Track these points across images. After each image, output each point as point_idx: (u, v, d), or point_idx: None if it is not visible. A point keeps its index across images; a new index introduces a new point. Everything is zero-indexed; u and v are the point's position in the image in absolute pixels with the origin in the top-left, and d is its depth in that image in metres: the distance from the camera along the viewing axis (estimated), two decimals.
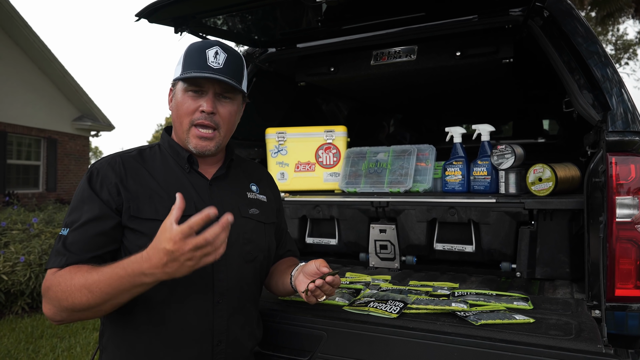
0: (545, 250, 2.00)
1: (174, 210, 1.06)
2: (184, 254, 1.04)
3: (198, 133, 1.34)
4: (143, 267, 1.08)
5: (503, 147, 2.15)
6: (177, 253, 1.04)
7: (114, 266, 1.13)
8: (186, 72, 1.31)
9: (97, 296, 1.12)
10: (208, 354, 1.31)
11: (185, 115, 1.34)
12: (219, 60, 1.32)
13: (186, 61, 1.33)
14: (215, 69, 1.31)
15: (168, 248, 1.04)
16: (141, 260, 1.09)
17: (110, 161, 1.33)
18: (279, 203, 1.64)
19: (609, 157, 1.62)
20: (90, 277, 1.13)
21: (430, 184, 2.36)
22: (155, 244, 1.07)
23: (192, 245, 1.03)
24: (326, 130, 2.62)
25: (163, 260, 1.05)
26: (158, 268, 1.07)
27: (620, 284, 1.61)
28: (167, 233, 1.04)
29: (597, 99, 1.73)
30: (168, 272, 1.07)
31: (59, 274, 1.19)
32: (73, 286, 1.14)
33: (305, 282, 1.35)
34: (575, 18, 1.89)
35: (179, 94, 1.35)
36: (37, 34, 11.70)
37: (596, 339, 1.25)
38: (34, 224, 5.85)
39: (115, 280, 1.11)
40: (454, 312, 1.45)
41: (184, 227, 1.03)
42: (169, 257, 1.05)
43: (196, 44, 1.36)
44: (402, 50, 2.47)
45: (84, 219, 1.24)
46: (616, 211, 1.62)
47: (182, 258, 1.05)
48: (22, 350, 3.99)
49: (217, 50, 1.33)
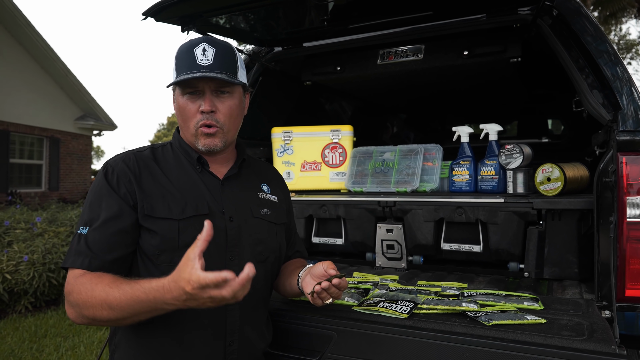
0: (554, 250, 1.99)
1: (198, 242, 1.03)
2: (203, 299, 1.03)
3: (204, 131, 1.33)
4: (165, 297, 1.06)
5: (511, 146, 2.14)
6: (195, 297, 1.02)
7: (135, 288, 1.10)
8: (178, 76, 1.30)
9: (118, 313, 1.12)
10: (220, 354, 1.31)
11: (188, 119, 1.33)
12: (208, 57, 1.29)
13: (177, 64, 1.32)
14: (206, 66, 1.28)
15: (187, 290, 1.02)
16: (163, 291, 1.07)
17: (125, 158, 1.33)
18: (289, 203, 1.63)
19: (619, 156, 1.61)
20: (111, 293, 1.12)
21: (437, 183, 2.35)
22: (175, 278, 1.04)
23: (210, 296, 1.02)
24: (332, 129, 2.61)
25: (182, 297, 1.04)
26: (179, 301, 1.06)
27: (630, 284, 1.60)
28: (187, 272, 1.01)
29: (607, 98, 1.72)
30: (189, 305, 1.06)
31: (80, 281, 1.17)
32: (94, 299, 1.13)
33: (312, 283, 1.34)
34: (584, 16, 1.88)
35: (179, 99, 1.34)
36: (40, 33, 11.72)
37: (609, 339, 1.24)
38: (37, 223, 5.85)
39: (137, 303, 1.10)
40: (465, 313, 1.44)
41: (206, 279, 0.99)
42: (188, 297, 1.03)
43: (184, 45, 1.34)
44: (409, 50, 2.47)
45: (103, 216, 1.23)
46: (627, 211, 1.61)
47: (200, 300, 1.03)
48: (25, 349, 3.99)
49: (204, 47, 1.30)
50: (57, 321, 4.73)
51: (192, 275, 1.00)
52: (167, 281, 1.06)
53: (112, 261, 1.22)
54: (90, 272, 1.20)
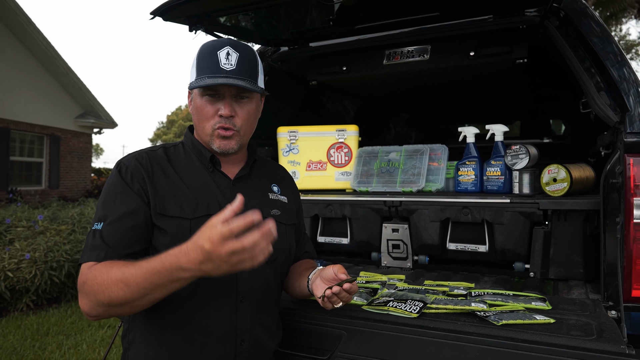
0: (559, 250, 2.00)
1: (226, 210, 1.02)
2: (220, 257, 1.01)
3: (220, 133, 1.33)
4: (181, 261, 1.05)
5: (517, 147, 2.15)
6: (213, 254, 1.01)
7: (151, 260, 1.10)
8: (200, 78, 1.30)
9: (134, 290, 1.10)
10: (231, 353, 1.31)
11: (205, 120, 1.34)
12: (232, 61, 1.30)
13: (199, 65, 1.32)
14: (229, 71, 1.29)
15: (205, 247, 1.01)
16: (180, 254, 1.06)
17: (138, 157, 1.34)
18: (298, 204, 1.64)
19: (627, 158, 1.62)
20: (127, 270, 1.11)
21: (442, 183, 2.36)
22: (195, 239, 1.04)
23: (229, 250, 1.00)
24: (338, 129, 2.62)
25: (200, 258, 1.03)
26: (195, 264, 1.04)
27: (637, 284, 1.61)
28: (208, 231, 1.01)
29: (615, 99, 1.73)
30: (204, 270, 1.05)
31: (95, 267, 1.17)
32: (110, 280, 1.12)
33: (323, 286, 1.34)
34: (590, 17, 1.89)
35: (197, 99, 1.35)
36: (41, 31, 11.70)
37: (618, 339, 1.25)
38: (39, 221, 5.85)
39: (153, 275, 1.08)
40: (474, 312, 1.45)
41: (224, 229, 0.99)
42: (205, 256, 1.02)
43: (207, 45, 1.34)
44: (415, 50, 2.47)
45: (118, 212, 1.24)
46: (634, 212, 1.62)
47: (217, 260, 1.02)
48: (28, 347, 3.99)
49: (228, 51, 1.30)
50: (59, 319, 4.74)
51: (212, 231, 1.00)
52: (185, 245, 1.06)
53: (127, 255, 1.21)
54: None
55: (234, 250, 1.00)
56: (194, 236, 1.05)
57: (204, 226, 1.04)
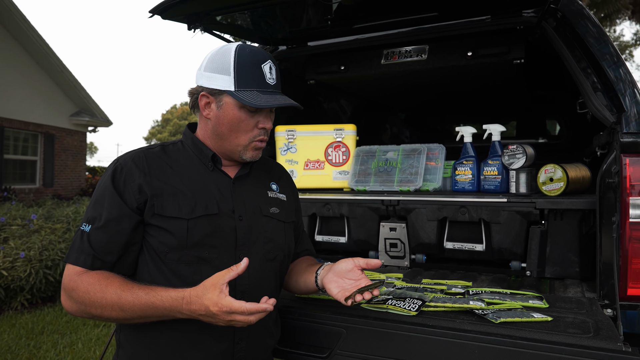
0: (555, 249, 2.02)
1: (231, 272, 1.15)
2: (221, 320, 1.14)
3: (257, 145, 1.38)
4: (182, 307, 1.15)
5: (514, 147, 2.16)
6: (216, 316, 1.13)
7: (151, 294, 1.17)
8: (246, 90, 1.30)
9: (128, 315, 1.19)
10: (229, 351, 1.32)
11: (244, 132, 1.35)
12: (274, 76, 1.35)
13: (241, 75, 1.30)
14: (273, 86, 1.34)
15: (211, 310, 1.12)
16: (182, 302, 1.15)
17: (135, 157, 1.33)
18: (297, 202, 1.64)
19: (623, 158, 1.64)
20: (124, 297, 1.17)
21: (440, 183, 2.37)
22: (200, 294, 1.14)
23: (234, 319, 1.13)
24: (336, 128, 2.63)
25: (201, 312, 1.14)
26: (194, 313, 1.15)
27: (632, 283, 1.64)
28: (216, 296, 1.12)
29: (611, 100, 1.75)
30: (201, 319, 1.17)
31: (86, 279, 1.20)
32: (105, 300, 1.18)
33: (336, 280, 1.36)
34: (587, 18, 1.91)
35: (231, 109, 1.32)
36: (35, 28, 11.63)
37: (615, 337, 1.27)
38: (33, 220, 5.82)
39: (150, 309, 1.17)
40: (472, 310, 1.46)
41: (235, 305, 1.11)
42: (208, 314, 1.13)
43: (247, 56, 1.31)
44: (413, 50, 2.49)
45: (105, 217, 1.25)
46: (629, 212, 1.64)
47: (217, 320, 1.15)
48: (23, 346, 3.97)
49: (270, 65, 1.34)
50: (54, 318, 4.72)
51: (221, 300, 1.11)
52: (188, 294, 1.15)
53: (113, 262, 1.25)
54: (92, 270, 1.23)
55: (239, 321, 1.14)
56: (197, 288, 1.15)
57: (209, 283, 1.14)
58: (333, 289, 1.35)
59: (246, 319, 1.13)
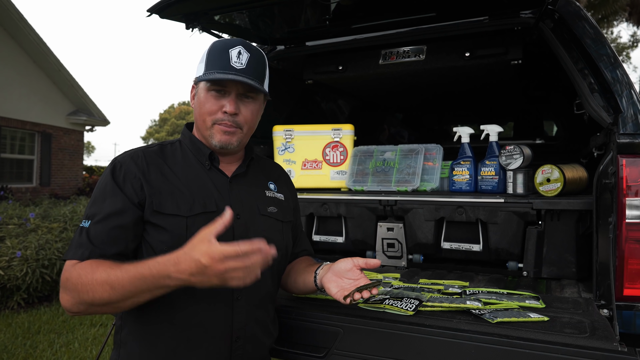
0: (552, 250, 2.03)
1: (217, 224, 1.07)
2: (215, 272, 1.05)
3: (222, 128, 1.34)
4: (170, 270, 1.08)
5: (512, 147, 2.17)
6: (209, 269, 1.05)
7: (138, 265, 1.12)
8: (209, 72, 1.31)
9: (119, 293, 1.13)
10: (227, 350, 1.32)
11: (207, 114, 1.34)
12: (242, 60, 1.32)
13: (209, 60, 1.33)
14: (239, 69, 1.31)
15: (202, 262, 1.04)
16: (168, 263, 1.08)
17: (133, 155, 1.34)
18: (295, 202, 1.65)
19: (619, 159, 1.64)
20: (113, 273, 1.13)
21: (437, 183, 2.37)
22: (188, 251, 1.07)
23: (228, 267, 1.05)
24: (334, 128, 2.63)
25: (192, 270, 1.06)
26: (184, 274, 1.07)
27: (628, 283, 1.64)
28: (205, 246, 1.04)
29: (608, 101, 1.75)
30: (193, 281, 1.08)
31: (79, 266, 1.19)
32: (95, 280, 1.13)
33: (336, 280, 1.36)
34: (584, 19, 1.91)
35: (201, 93, 1.35)
36: (33, 27, 11.60)
37: (611, 337, 1.27)
38: (30, 219, 5.80)
39: (139, 280, 1.11)
40: (469, 310, 1.46)
41: (228, 249, 1.03)
42: (199, 270, 1.05)
43: (219, 43, 1.36)
44: (411, 50, 2.49)
45: (105, 211, 1.24)
46: (626, 212, 1.64)
47: (211, 274, 1.06)
48: (19, 345, 3.96)
49: (240, 50, 1.33)
50: (51, 317, 4.71)
51: (211, 248, 1.03)
52: (175, 255, 1.08)
53: (112, 255, 1.23)
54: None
55: (233, 268, 1.05)
56: (185, 247, 1.08)
57: (196, 238, 1.07)
58: (332, 289, 1.36)
59: (242, 264, 1.05)
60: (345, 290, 1.33)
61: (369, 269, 1.40)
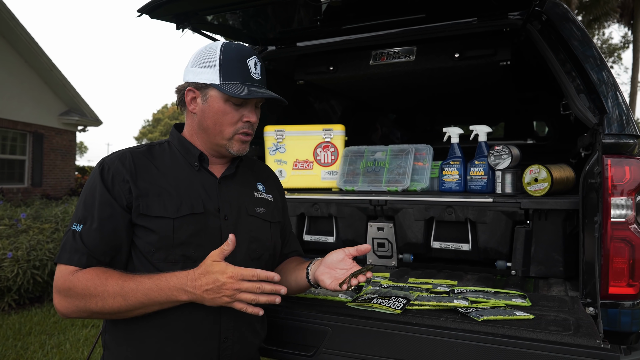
0: (540, 249, 2.05)
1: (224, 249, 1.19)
2: (228, 290, 1.15)
3: (242, 138, 1.39)
4: (187, 284, 1.16)
5: (500, 147, 2.19)
6: (224, 286, 1.14)
7: (154, 277, 1.19)
8: (234, 84, 1.32)
9: (131, 304, 1.19)
10: (215, 351, 1.32)
11: (228, 125, 1.36)
12: (259, 71, 1.37)
13: (226, 69, 1.32)
14: (258, 80, 1.36)
15: (220, 279, 1.15)
16: (186, 278, 1.17)
17: (121, 157, 1.33)
18: (284, 202, 1.65)
19: (604, 159, 1.67)
20: (126, 285, 1.18)
21: (427, 183, 2.39)
22: (204, 270, 1.17)
23: (241, 287, 1.14)
24: (324, 128, 2.64)
25: (209, 286, 1.15)
26: (199, 290, 1.16)
27: (613, 282, 1.67)
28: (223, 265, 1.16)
29: (594, 102, 1.78)
30: (205, 297, 1.17)
31: (83, 276, 1.20)
32: (106, 292, 1.18)
33: (329, 272, 1.39)
34: (571, 22, 1.94)
35: (216, 102, 1.34)
36: (24, 26, 11.52)
37: (594, 334, 1.29)
38: (21, 220, 5.77)
39: (154, 291, 1.18)
40: (456, 309, 1.48)
41: (245, 270, 1.14)
42: (215, 285, 1.15)
43: (233, 51, 1.35)
44: (401, 51, 2.51)
45: (98, 215, 1.25)
46: (611, 211, 1.67)
47: (224, 292, 1.15)
48: (10, 347, 3.94)
49: (255, 60, 1.37)
50: (42, 318, 4.68)
51: (229, 267, 1.15)
52: (192, 272, 1.18)
53: (108, 262, 1.25)
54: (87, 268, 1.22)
55: (246, 289, 1.15)
56: (201, 266, 1.19)
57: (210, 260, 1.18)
58: (326, 280, 1.38)
59: (254, 287, 1.14)
60: (339, 280, 1.36)
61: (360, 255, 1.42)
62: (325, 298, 1.65)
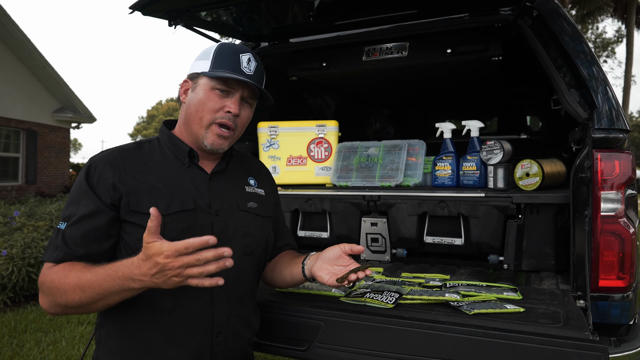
0: (532, 243, 2.07)
1: (150, 227, 1.08)
2: (172, 270, 1.07)
3: (218, 131, 1.36)
4: (133, 272, 1.11)
5: (492, 142, 2.20)
6: (165, 267, 1.07)
7: (107, 267, 1.16)
8: (219, 71, 1.33)
9: (89, 295, 1.17)
10: (207, 345, 1.33)
11: (208, 112, 1.36)
12: (251, 67, 1.38)
13: (217, 60, 1.35)
14: (248, 75, 1.36)
15: (158, 261, 1.06)
16: (132, 266, 1.12)
17: (109, 156, 1.34)
18: (276, 197, 1.66)
19: (594, 153, 1.69)
20: (83, 276, 1.17)
21: (420, 178, 2.40)
22: (142, 257, 1.10)
23: (182, 263, 1.06)
24: (318, 124, 2.64)
25: (152, 271, 1.08)
26: (146, 276, 1.10)
27: (603, 275, 1.69)
28: (156, 248, 1.07)
29: (584, 97, 1.79)
30: (155, 282, 1.11)
31: (53, 270, 1.22)
32: (67, 284, 1.18)
33: (327, 268, 1.41)
34: (562, 17, 1.95)
35: (202, 90, 1.36)
36: (17, 23, 11.43)
37: (583, 327, 1.31)
38: (15, 218, 5.75)
39: (107, 282, 1.14)
40: (448, 302, 1.50)
41: (178, 244, 1.05)
42: (157, 269, 1.08)
43: (228, 46, 1.39)
44: (393, 47, 2.51)
45: (79, 214, 1.26)
46: (601, 205, 1.69)
47: (169, 273, 1.07)
48: (5, 344, 3.94)
49: (250, 57, 1.38)
50: (37, 316, 4.68)
51: (162, 246, 1.06)
52: (137, 257, 1.11)
53: (84, 256, 1.25)
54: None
55: (187, 263, 1.06)
56: (140, 254, 1.11)
57: (144, 246, 1.10)
58: (324, 276, 1.40)
59: (195, 259, 1.05)
60: (337, 276, 1.38)
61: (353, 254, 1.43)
62: (318, 293, 1.67)
